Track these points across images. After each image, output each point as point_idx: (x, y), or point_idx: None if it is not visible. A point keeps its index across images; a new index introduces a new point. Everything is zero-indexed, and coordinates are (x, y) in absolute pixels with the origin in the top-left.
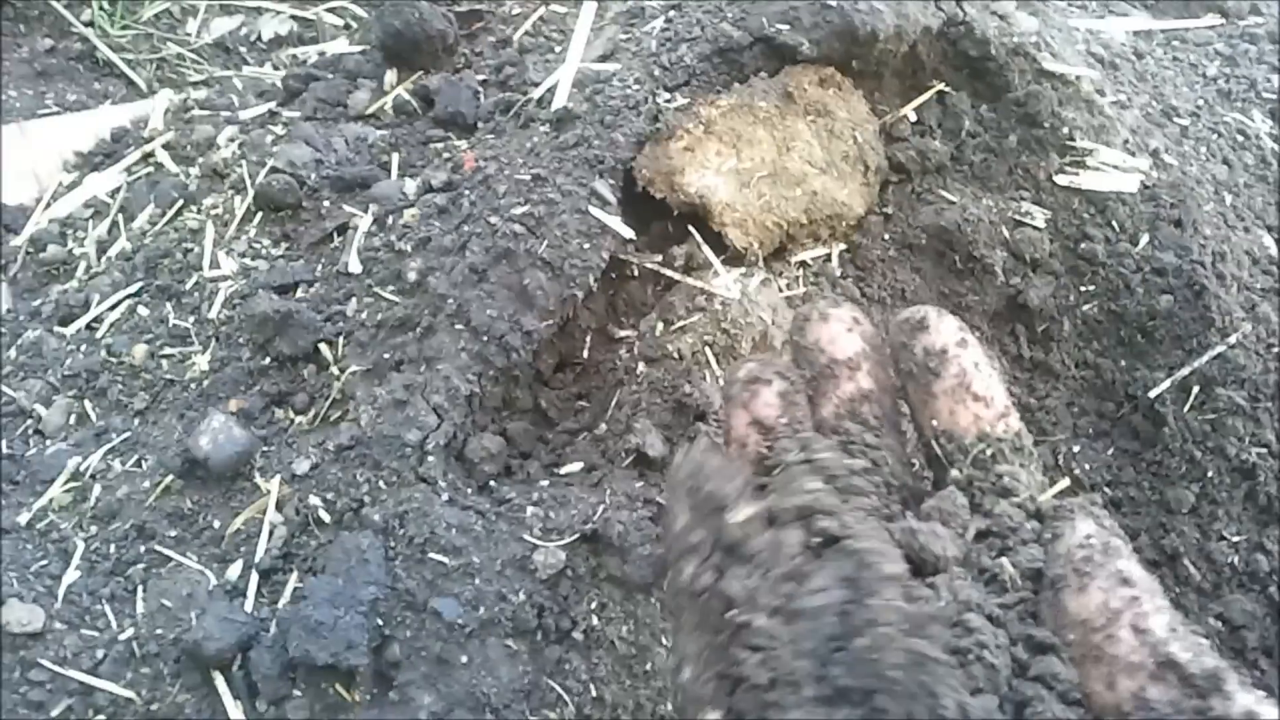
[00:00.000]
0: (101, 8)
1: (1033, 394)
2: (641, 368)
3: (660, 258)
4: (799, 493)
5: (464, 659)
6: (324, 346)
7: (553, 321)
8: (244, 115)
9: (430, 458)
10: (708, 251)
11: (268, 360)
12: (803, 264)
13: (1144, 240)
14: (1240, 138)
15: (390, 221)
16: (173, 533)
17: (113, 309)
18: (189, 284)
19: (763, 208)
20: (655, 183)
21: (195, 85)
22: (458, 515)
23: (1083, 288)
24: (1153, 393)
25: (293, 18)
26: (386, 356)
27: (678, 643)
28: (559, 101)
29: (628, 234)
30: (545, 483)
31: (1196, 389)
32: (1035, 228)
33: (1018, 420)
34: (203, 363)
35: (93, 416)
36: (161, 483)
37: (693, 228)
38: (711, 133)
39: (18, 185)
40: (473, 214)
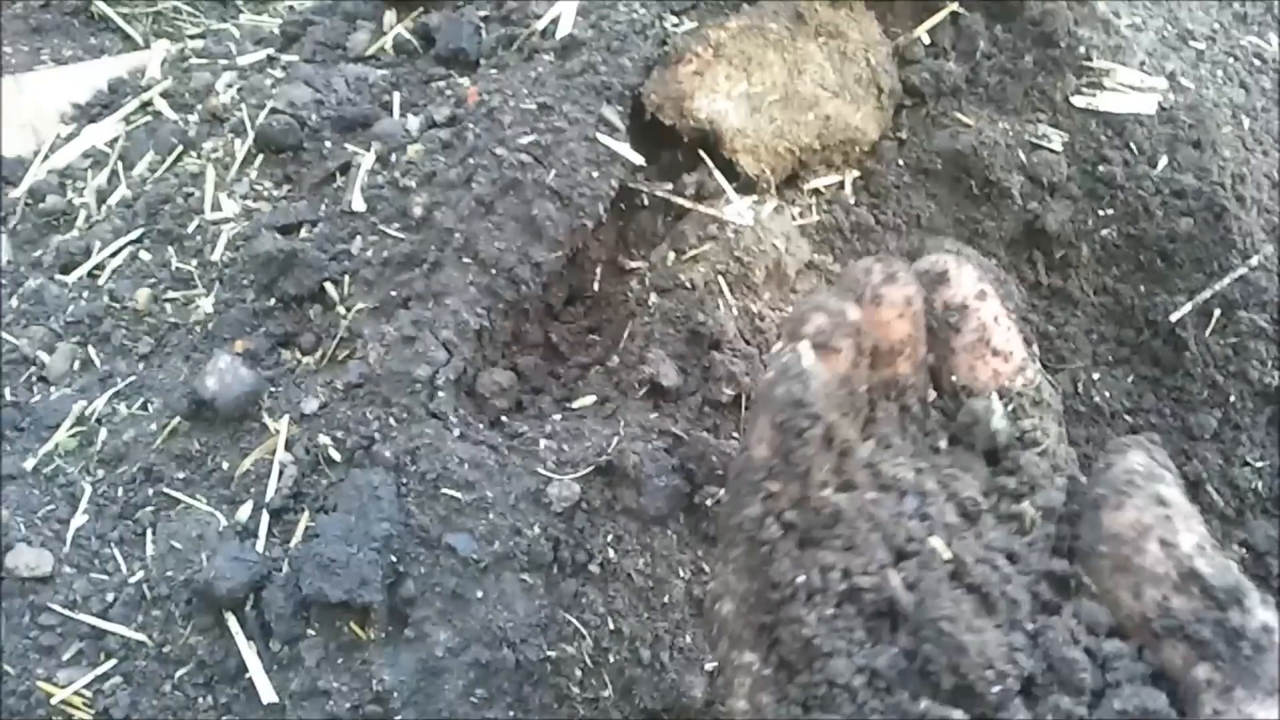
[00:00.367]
0: None
1: (1051, 321)
2: (653, 298)
3: (671, 186)
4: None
5: (479, 594)
6: (329, 286)
7: (562, 253)
8: (242, 61)
9: (440, 393)
10: (720, 178)
11: (273, 301)
12: (815, 191)
13: (1163, 162)
14: (1257, 61)
15: (393, 159)
16: (181, 475)
17: (114, 255)
18: (191, 227)
19: (774, 133)
20: (664, 108)
21: (192, 37)
22: (470, 450)
23: (1101, 212)
24: (1173, 317)
25: None
26: (393, 294)
27: (721, 571)
28: (564, 29)
29: (638, 160)
30: (558, 416)
31: (1217, 313)
32: (1052, 151)
33: (1036, 371)
34: (207, 305)
35: (97, 362)
36: (168, 425)
37: (704, 154)
38: (721, 56)
39: (15, 138)
40: (478, 146)
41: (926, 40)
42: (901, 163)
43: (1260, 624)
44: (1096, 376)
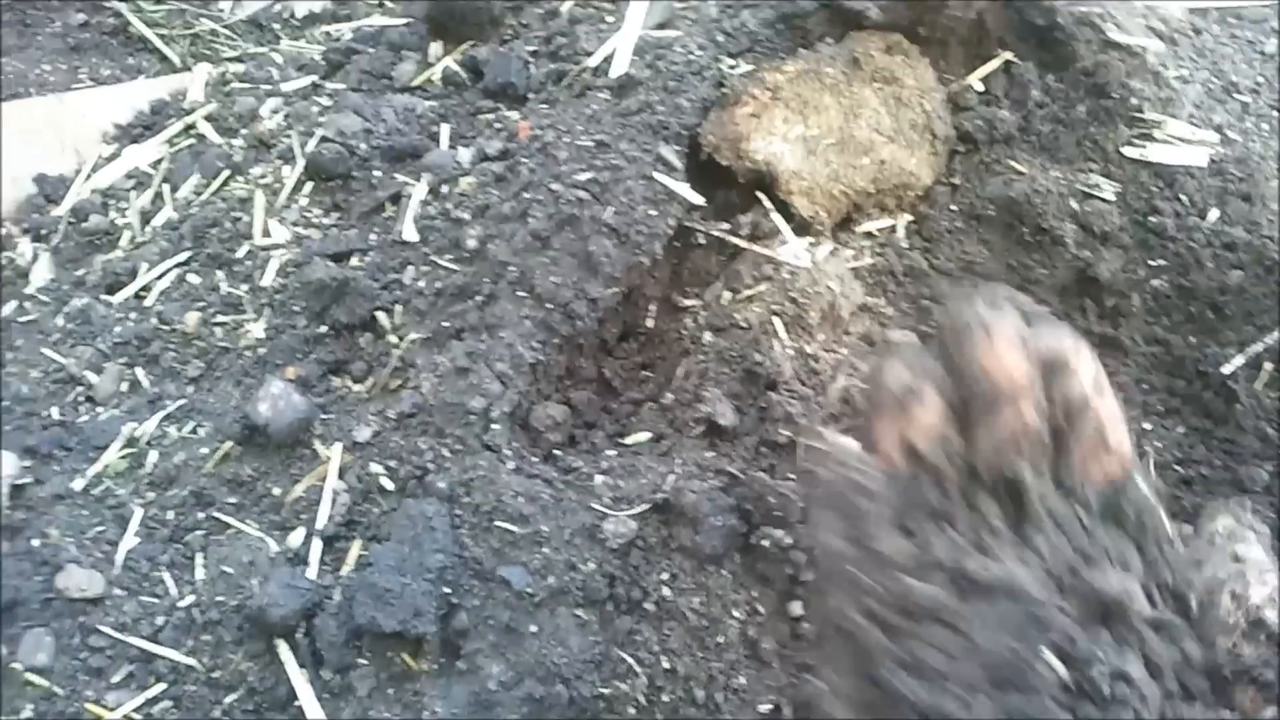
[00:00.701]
0: None
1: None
2: (708, 337)
3: (726, 226)
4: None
5: (533, 628)
6: (381, 314)
7: (618, 289)
8: (286, 87)
9: (495, 425)
10: (778, 219)
11: (324, 328)
12: (869, 234)
13: (1213, 215)
14: None
15: (445, 190)
16: (232, 499)
17: (161, 277)
18: (240, 252)
19: (830, 176)
20: (721, 149)
21: (230, 60)
22: (524, 483)
23: (1152, 262)
24: (1224, 369)
25: None
26: (446, 324)
27: (825, 671)
28: (619, 68)
29: (697, 200)
30: (612, 452)
31: (1268, 365)
32: (1104, 200)
33: (1135, 457)
34: (257, 330)
35: (145, 383)
36: (220, 449)
37: (761, 195)
38: (778, 99)
39: (57, 156)
40: (533, 181)
41: (980, 87)
42: (954, 208)
43: None
44: (1148, 427)
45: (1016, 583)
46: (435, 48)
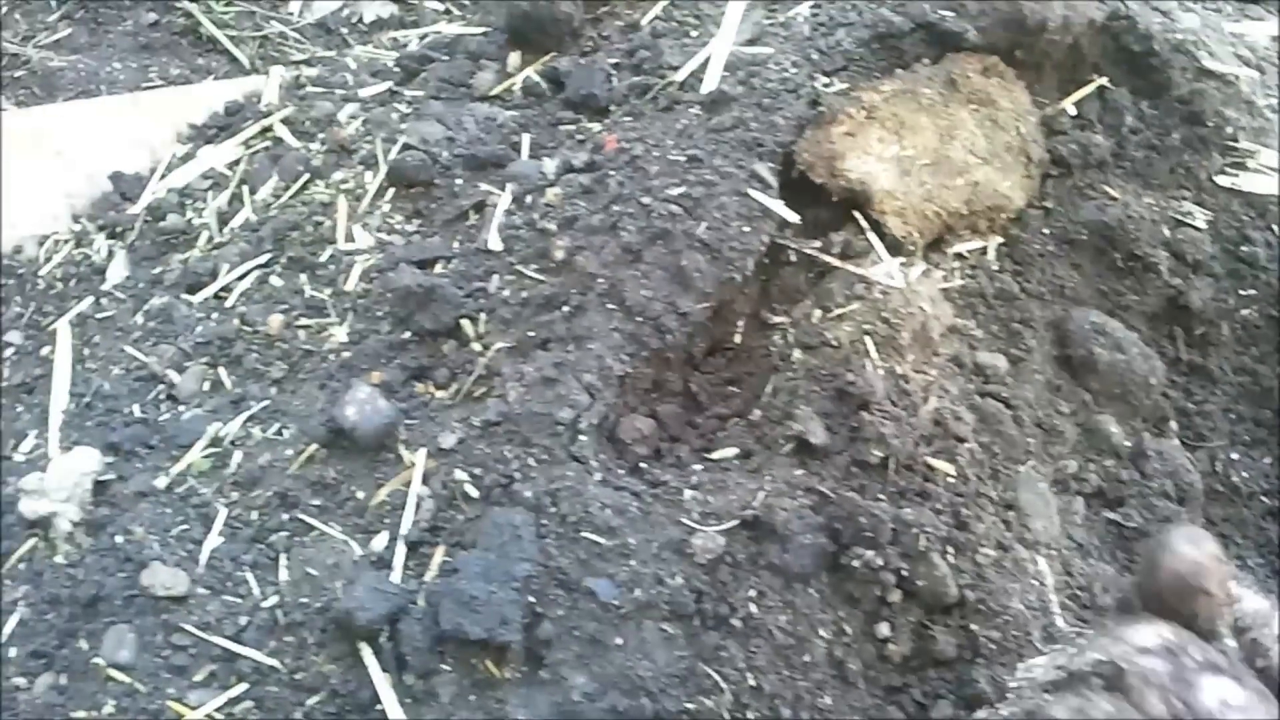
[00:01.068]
0: None
1: (1190, 398)
2: (797, 354)
3: (818, 244)
4: None
5: (618, 640)
6: (465, 322)
7: (710, 304)
8: (363, 93)
9: (582, 436)
10: (873, 238)
11: (407, 334)
12: (959, 256)
13: None
14: None
15: (530, 200)
16: (316, 502)
17: (242, 278)
18: (323, 256)
19: (924, 196)
20: (815, 167)
21: (300, 64)
22: (611, 495)
23: (1243, 291)
24: None
25: (393, 1)
26: (532, 334)
27: None
28: (710, 84)
29: (792, 218)
30: (699, 466)
31: None
32: (1196, 228)
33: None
34: (341, 334)
35: (228, 384)
36: (304, 451)
37: (857, 214)
38: (874, 118)
39: (132, 154)
40: (622, 194)
41: (1073, 111)
42: (1047, 231)
43: None
44: (1235, 456)
45: None
46: (514, 58)
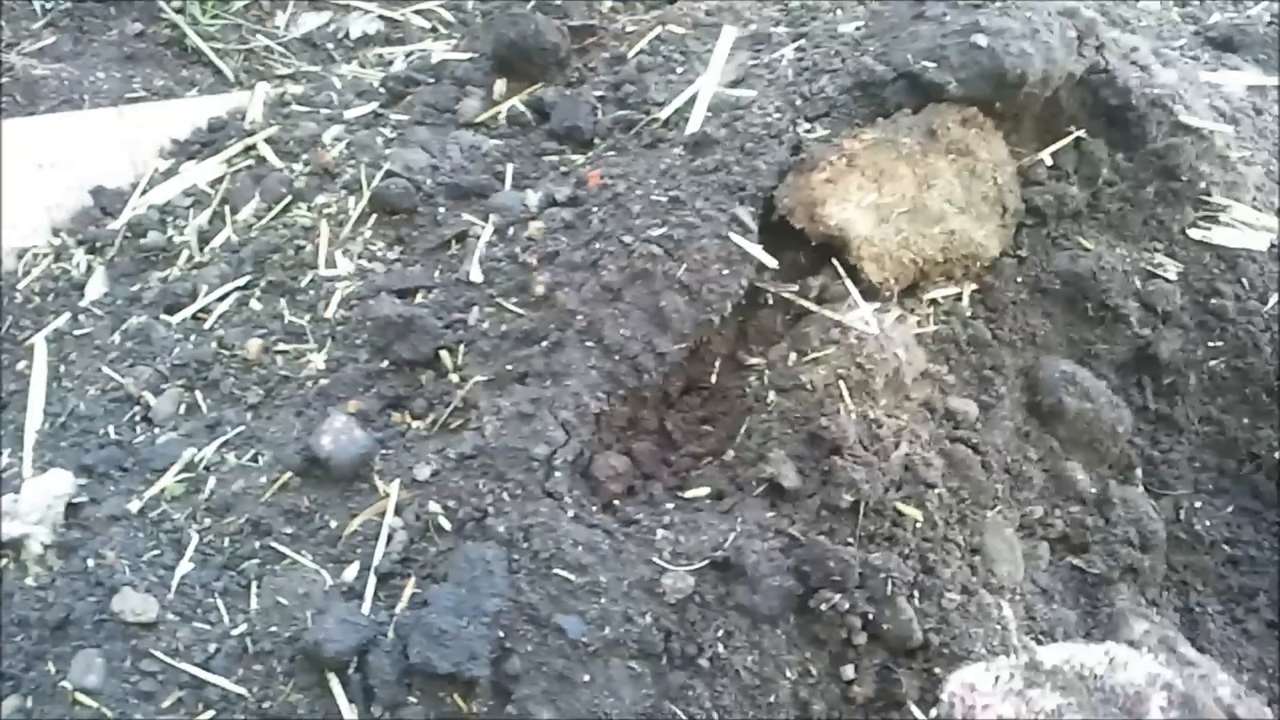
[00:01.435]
0: None
1: (1156, 446)
2: (772, 396)
3: (795, 287)
4: None
5: (586, 677)
6: (444, 353)
7: (687, 345)
8: (347, 115)
9: (557, 473)
10: (849, 284)
11: (385, 363)
12: (934, 302)
13: (1273, 299)
14: None
15: (512, 233)
16: (289, 530)
17: (221, 300)
18: (303, 281)
19: (900, 243)
20: (795, 213)
21: (284, 79)
22: (584, 533)
23: (1211, 343)
24: (1277, 454)
25: (380, 17)
26: (510, 368)
27: None
28: (694, 125)
29: (771, 263)
30: (671, 505)
31: None
32: (1167, 280)
33: None
34: (319, 361)
35: (204, 408)
36: (279, 479)
37: (835, 260)
38: (854, 166)
39: (114, 168)
40: (604, 232)
41: (1050, 163)
42: (1020, 280)
43: None
44: (1198, 504)
45: None
46: (500, 85)
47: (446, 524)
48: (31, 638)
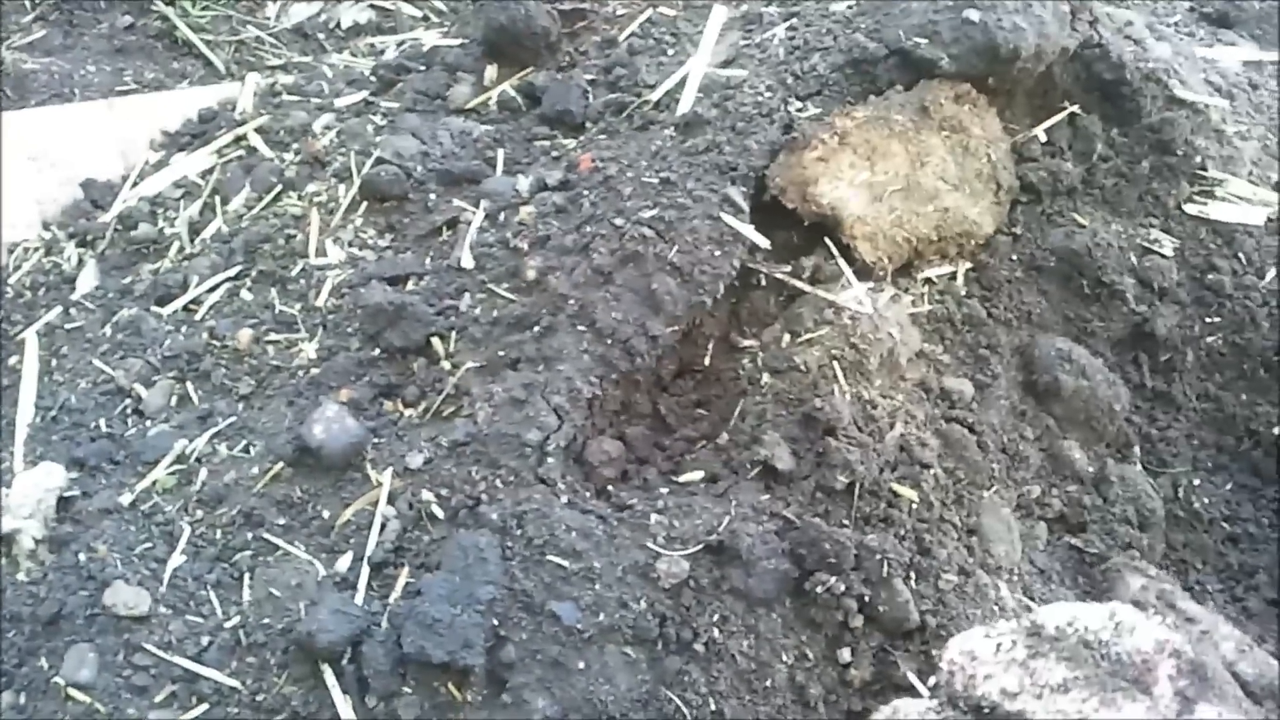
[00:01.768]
0: None
1: (1154, 424)
2: (766, 378)
3: (788, 268)
4: None
5: (581, 664)
6: (435, 340)
7: (679, 328)
8: (338, 103)
9: (550, 459)
10: (842, 264)
11: (377, 351)
12: (928, 281)
13: (1270, 274)
14: None
15: (504, 218)
16: (281, 521)
17: (212, 291)
18: (294, 270)
19: (894, 222)
20: (787, 192)
21: (275, 70)
22: (578, 519)
23: (1208, 319)
24: (1276, 430)
25: (371, 7)
26: (502, 354)
27: None
28: (685, 106)
29: (764, 243)
30: (665, 490)
31: None
32: (1163, 256)
33: None
34: (310, 350)
35: (195, 399)
36: (271, 470)
37: (827, 239)
38: (846, 144)
39: (104, 161)
40: (595, 215)
41: (1044, 139)
42: (1015, 258)
43: None
44: (1196, 482)
45: None
46: (490, 71)
47: (440, 512)
48: (24, 633)
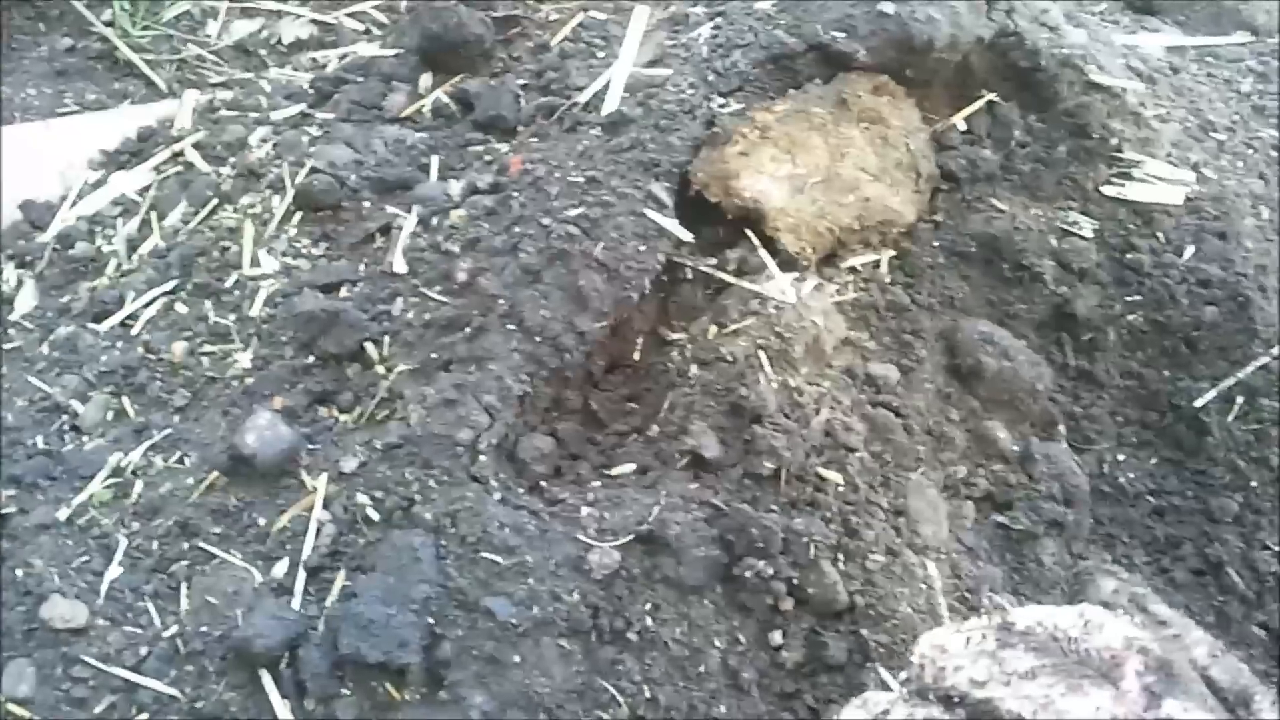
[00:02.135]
0: (122, 8)
1: (1078, 402)
2: (694, 370)
3: (713, 261)
4: None
5: (516, 658)
6: (369, 345)
7: (607, 323)
8: (275, 116)
9: (482, 457)
10: (765, 255)
11: (311, 359)
12: (853, 270)
13: (1189, 252)
14: (1275, 153)
15: (435, 222)
16: (217, 530)
17: (148, 306)
18: (229, 282)
19: (816, 213)
20: (710, 187)
21: (217, 86)
22: (510, 515)
23: (1128, 298)
24: (1197, 403)
25: (313, 22)
26: (435, 356)
27: None
28: (611, 105)
29: (686, 237)
30: (597, 483)
31: (1240, 400)
32: (1083, 238)
33: None
34: (244, 360)
35: (131, 413)
36: (205, 479)
37: (749, 232)
38: (767, 138)
39: (43, 183)
40: (524, 215)
41: (962, 127)
42: (936, 244)
43: None
44: (1121, 458)
45: None
46: (425, 79)
47: (375, 514)
48: None
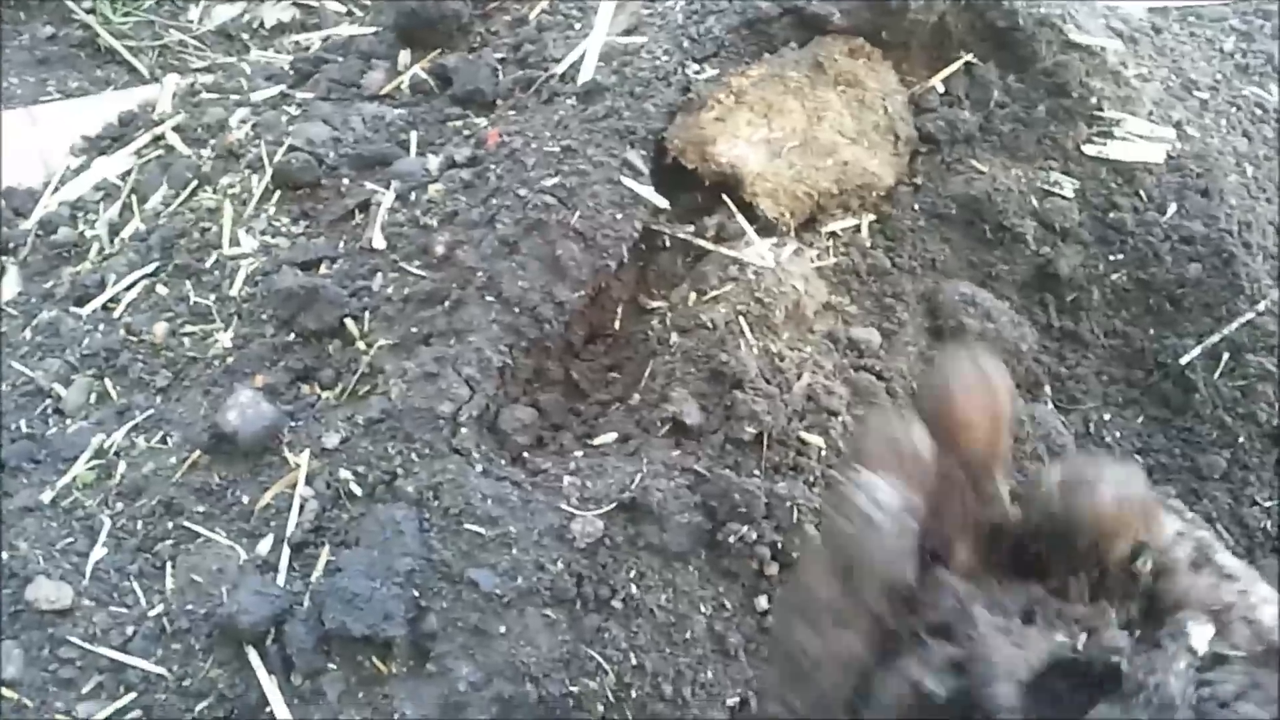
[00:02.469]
0: None
1: (1063, 363)
2: (674, 338)
3: (692, 228)
4: None
5: (502, 629)
6: (349, 321)
7: (585, 292)
8: (255, 97)
9: (463, 429)
10: (742, 220)
11: (292, 336)
12: (833, 234)
13: (1171, 209)
14: (1259, 111)
15: (414, 197)
16: (201, 508)
17: (129, 288)
18: (209, 262)
19: (794, 177)
20: (686, 153)
21: (199, 71)
22: (493, 486)
23: (1111, 257)
24: (1182, 360)
25: (295, 4)
26: (415, 330)
27: (774, 684)
28: (586, 74)
29: (662, 204)
30: (579, 453)
31: (1226, 356)
32: (1064, 197)
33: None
34: (225, 340)
35: (114, 395)
36: (188, 459)
37: (726, 197)
38: (743, 103)
39: (25, 169)
40: (500, 187)
41: (941, 89)
42: (917, 207)
43: None
44: (1107, 417)
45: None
46: (404, 56)
47: (357, 489)
48: None
